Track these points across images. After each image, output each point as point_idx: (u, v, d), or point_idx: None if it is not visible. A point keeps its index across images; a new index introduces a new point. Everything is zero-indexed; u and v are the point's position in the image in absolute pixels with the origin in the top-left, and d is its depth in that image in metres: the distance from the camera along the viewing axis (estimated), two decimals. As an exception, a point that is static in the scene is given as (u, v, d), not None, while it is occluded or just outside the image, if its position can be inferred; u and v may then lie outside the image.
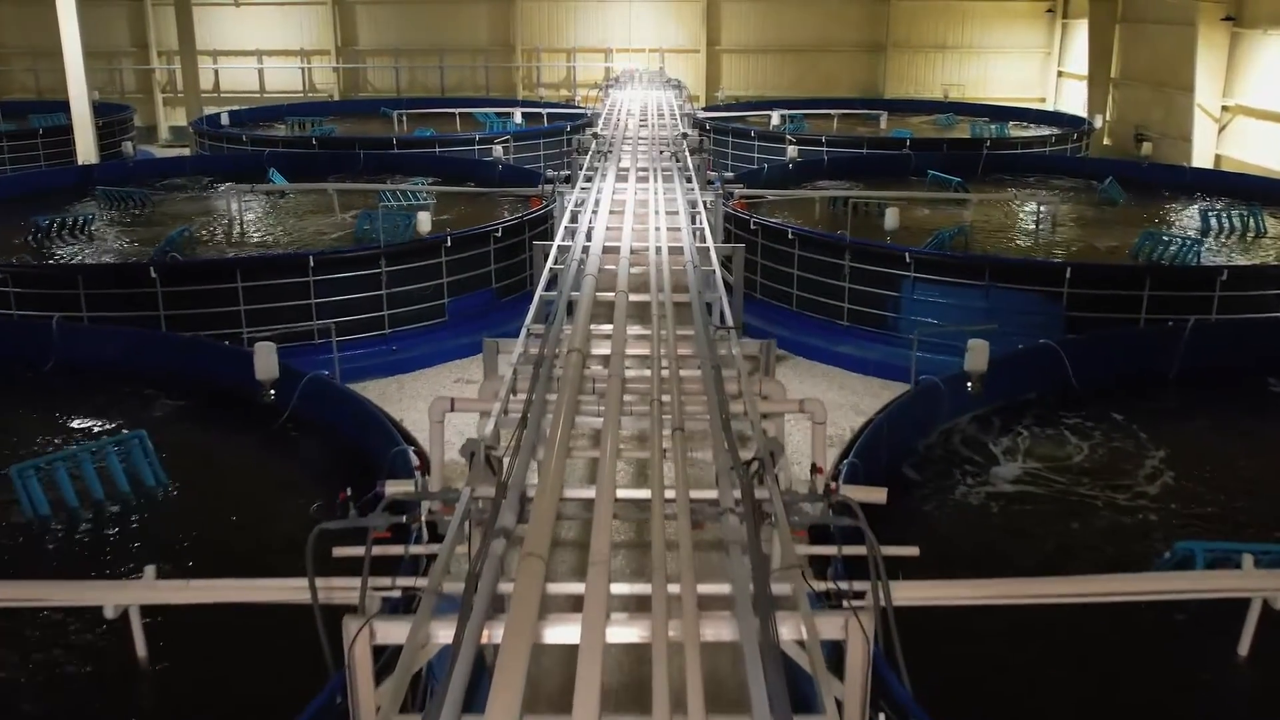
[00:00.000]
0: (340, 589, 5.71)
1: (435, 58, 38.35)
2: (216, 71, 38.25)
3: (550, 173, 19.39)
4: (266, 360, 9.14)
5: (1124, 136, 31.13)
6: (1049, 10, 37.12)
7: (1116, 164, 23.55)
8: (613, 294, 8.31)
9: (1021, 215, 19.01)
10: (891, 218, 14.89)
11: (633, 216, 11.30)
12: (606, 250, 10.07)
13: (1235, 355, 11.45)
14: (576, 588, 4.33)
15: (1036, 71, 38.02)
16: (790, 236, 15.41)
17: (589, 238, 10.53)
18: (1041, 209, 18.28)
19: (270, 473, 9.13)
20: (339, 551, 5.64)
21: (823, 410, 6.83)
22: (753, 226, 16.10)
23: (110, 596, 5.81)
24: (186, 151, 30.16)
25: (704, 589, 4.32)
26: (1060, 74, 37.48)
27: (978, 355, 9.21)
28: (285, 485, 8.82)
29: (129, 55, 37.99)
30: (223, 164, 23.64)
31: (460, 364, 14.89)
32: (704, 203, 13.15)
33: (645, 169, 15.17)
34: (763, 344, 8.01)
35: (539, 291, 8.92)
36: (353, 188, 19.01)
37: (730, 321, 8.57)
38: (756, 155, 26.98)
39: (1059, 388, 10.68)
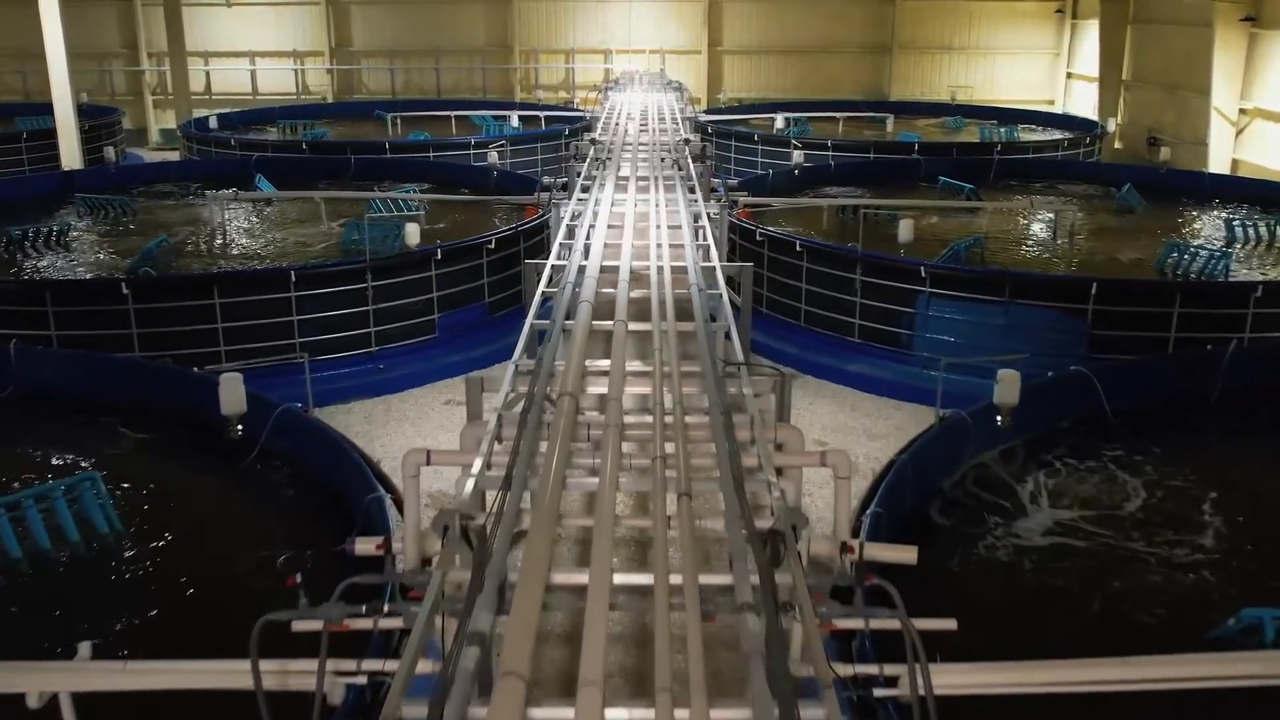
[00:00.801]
0: (299, 672, 4.99)
1: (431, 59, 37.58)
2: (208, 73, 37.47)
3: (547, 179, 18.59)
4: (233, 393, 8.38)
5: (1136, 140, 30.37)
6: (1058, 10, 36.35)
7: (1133, 170, 22.78)
8: (611, 323, 7.55)
9: (1036, 224, 18.25)
10: (905, 230, 14.13)
11: (632, 231, 10.55)
12: (604, 269, 9.34)
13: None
14: (564, 715, 3.60)
15: (1044, 73, 37.24)
16: (798, 249, 14.66)
17: (585, 255, 9.78)
18: (1057, 218, 17.53)
19: (237, 517, 8.38)
20: (299, 626, 4.90)
21: (847, 463, 6.07)
22: (758, 237, 15.35)
23: (34, 681, 5.06)
24: (177, 155, 29.38)
25: (720, 716, 3.58)
26: (1069, 75, 36.71)
27: (1008, 388, 8.45)
28: (252, 532, 8.08)
29: (119, 56, 37.21)
30: (209, 169, 22.88)
31: (450, 383, 14.13)
32: (708, 214, 12.40)
33: (646, 177, 14.43)
34: (775, 380, 7.25)
35: (530, 319, 8.16)
36: (341, 196, 18.25)
37: (738, 349, 7.81)
38: (760, 159, 26.23)
39: (1092, 416, 9.93)
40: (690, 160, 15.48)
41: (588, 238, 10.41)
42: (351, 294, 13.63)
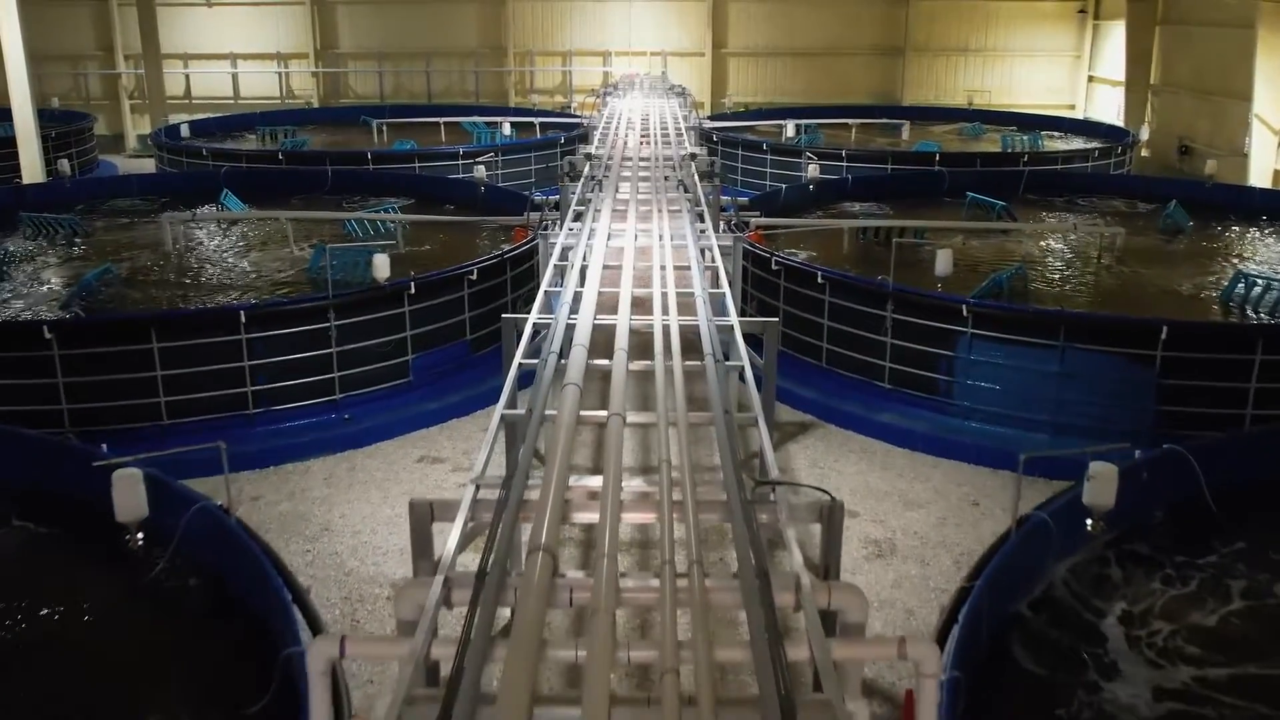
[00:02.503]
0: None
1: (421, 61, 35.90)
2: (187, 76, 35.76)
3: (539, 196, 16.93)
4: (130, 495, 6.70)
5: (1165, 149, 28.65)
6: (1080, 11, 34.63)
7: (1175, 183, 21.08)
8: (605, 414, 5.86)
9: (1073, 247, 16.53)
10: (943, 261, 12.44)
11: (632, 275, 8.84)
12: (598, 326, 7.66)
13: None
14: None
15: (1065, 76, 35.53)
16: (820, 280, 12.97)
17: (575, 306, 8.08)
18: (1102, 241, 15.85)
19: (132, 657, 6.67)
20: None
21: (934, 657, 4.29)
22: (774, 266, 13.65)
23: None
24: (153, 164, 27.67)
25: None
26: (1091, 79, 35.00)
27: (1103, 486, 6.76)
28: (148, 678, 6.38)
29: (94, 59, 35.49)
30: (175, 183, 21.22)
31: (426, 435, 12.46)
32: (719, 248, 10.72)
33: (647, 200, 12.75)
34: (824, 506, 5.54)
35: (500, 406, 6.46)
36: (308, 216, 16.56)
37: (769, 455, 6.08)
38: (769, 170, 24.55)
39: (1189, 505, 8.23)
40: (697, 179, 13.80)
41: (580, 282, 8.72)
42: (312, 335, 11.94)
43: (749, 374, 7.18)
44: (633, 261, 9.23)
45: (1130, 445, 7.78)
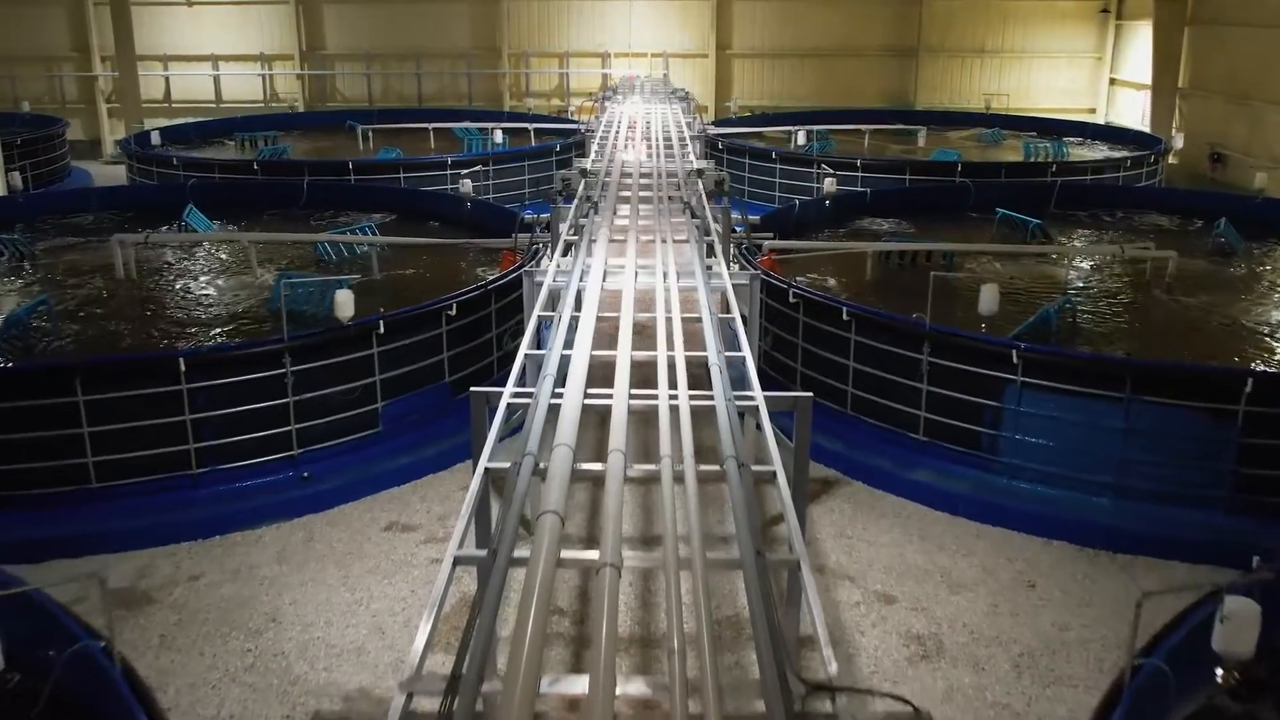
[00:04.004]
0: None
1: (412, 63, 34.32)
2: (167, 79, 34.19)
3: (529, 214, 15.42)
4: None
5: (1195, 156, 27.06)
6: (1103, 10, 33.04)
7: (1223, 198, 19.52)
8: (594, 555, 4.32)
9: (1114, 271, 14.98)
10: (989, 298, 10.88)
11: (630, 333, 7.28)
12: (589, 403, 6.14)
13: None
14: None
15: (1085, 79, 33.95)
16: (846, 318, 11.43)
17: (563, 371, 6.55)
18: (1152, 266, 14.32)
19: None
20: None
21: None
22: (792, 299, 12.11)
23: None
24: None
25: None
26: (1113, 82, 33.43)
27: (1241, 629, 5.20)
28: None
29: (69, 60, 33.91)
30: (140, 196, 19.68)
31: (397, 495, 10.93)
32: (733, 287, 9.19)
33: (649, 226, 11.22)
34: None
35: (465, 513, 4.89)
36: (274, 238, 15.02)
37: (815, 613, 4.47)
38: (778, 180, 23.01)
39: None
40: (704, 198, 12.28)
41: (567, 344, 7.19)
42: (265, 383, 10.40)
43: (782, 482, 5.56)
44: (632, 312, 7.67)
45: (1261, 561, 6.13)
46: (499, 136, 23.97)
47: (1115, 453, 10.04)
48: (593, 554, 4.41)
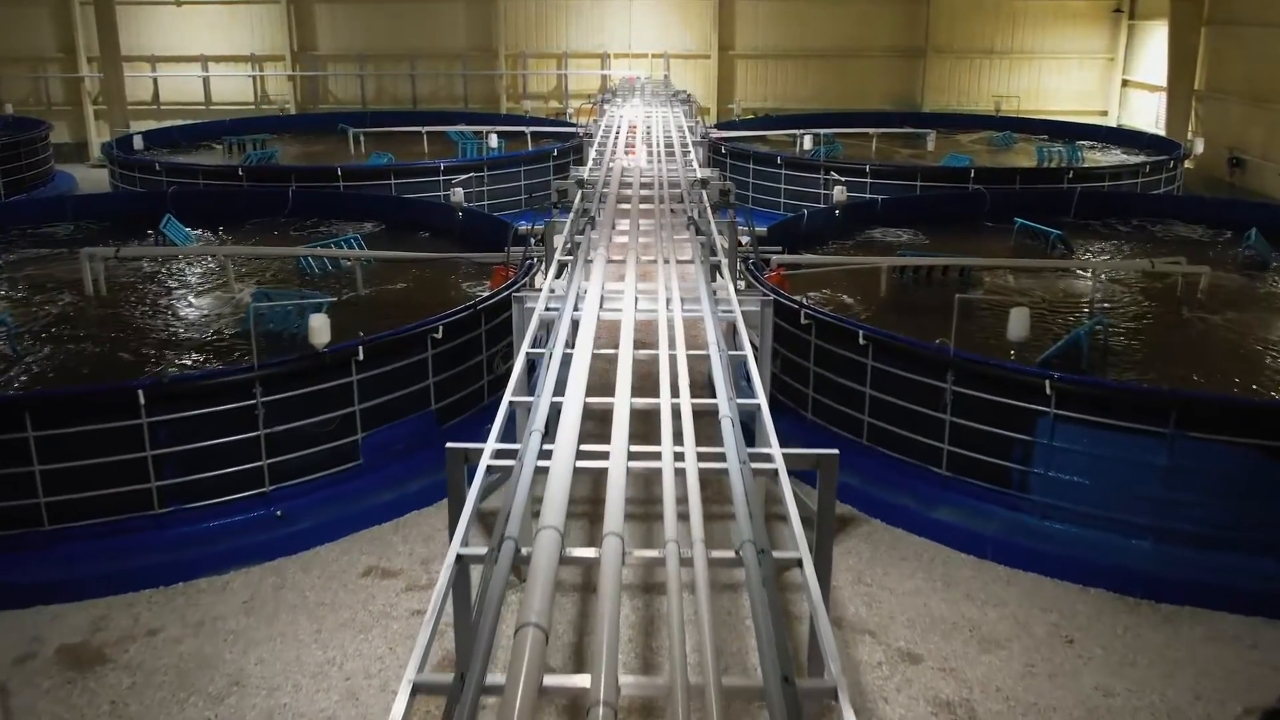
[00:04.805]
0: None
1: (406, 64, 33.47)
2: (155, 80, 33.33)
3: (523, 225, 14.64)
4: None
5: (1212, 161, 26.21)
6: (1116, 10, 32.18)
7: (1250, 206, 18.68)
8: (586, 682, 3.50)
9: (1139, 285, 14.15)
10: (1018, 322, 10.05)
11: (630, 371, 6.45)
12: (583, 464, 5.34)
13: None
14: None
15: (1097, 80, 33.10)
16: (862, 342, 10.61)
17: (551, 427, 5.74)
18: (1183, 282, 13.50)
19: None
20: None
21: None
22: (804, 320, 11.30)
23: None
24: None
25: None
26: (1125, 83, 32.59)
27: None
28: None
29: (55, 61, 33.06)
30: (117, 205, 18.88)
31: (378, 534, 10.12)
32: (742, 315, 8.37)
33: (650, 244, 10.40)
34: None
35: (430, 619, 4.06)
36: (253, 252, 14.20)
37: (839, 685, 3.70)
38: (784, 186, 22.19)
39: None
40: (710, 214, 11.47)
41: (558, 386, 6.37)
42: (233, 415, 9.58)
43: (810, 576, 4.70)
44: (631, 349, 6.84)
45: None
46: (494, 141, 23.14)
47: (1158, 492, 9.22)
48: (583, 680, 3.59)
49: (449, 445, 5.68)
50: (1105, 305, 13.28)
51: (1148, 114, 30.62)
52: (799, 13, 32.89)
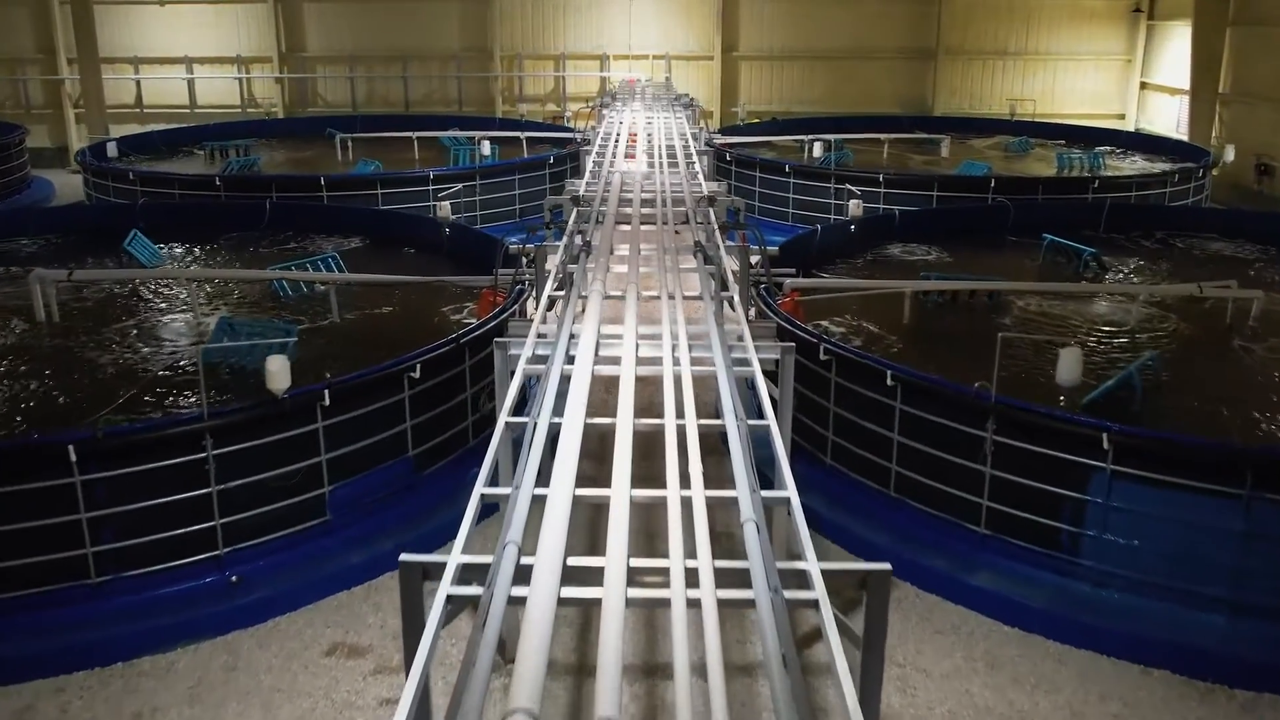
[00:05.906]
0: None
1: (398, 66, 32.32)
2: (138, 82, 32.19)
3: (514, 243, 13.46)
4: None
5: (1239, 168, 25.01)
6: (1135, 10, 31.03)
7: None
8: None
9: (1180, 312, 12.99)
10: (1069, 364, 8.89)
11: (630, 452, 5.32)
12: (571, 594, 4.24)
13: None
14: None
15: (1114, 83, 31.95)
16: (890, 382, 9.47)
17: (539, 513, 4.62)
18: (1234, 306, 12.35)
19: None
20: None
21: None
22: (823, 356, 10.16)
23: None
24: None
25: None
26: (1144, 86, 31.44)
27: None
28: None
29: (34, 63, 31.92)
30: (84, 218, 17.74)
31: (345, 603, 8.99)
32: (759, 363, 7.24)
33: (652, 274, 9.28)
34: None
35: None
36: (219, 274, 13.06)
37: None
38: (792, 196, 21.05)
39: None
40: (719, 240, 10.34)
41: (548, 452, 5.26)
42: (181, 470, 8.45)
43: (848, 689, 3.71)
44: (631, 419, 5.70)
45: None
46: (486, 148, 22.00)
47: (1231, 560, 8.08)
48: None
49: (403, 557, 4.54)
50: (1141, 335, 12.15)
51: (1167, 118, 29.49)
52: (805, 13, 31.75)
